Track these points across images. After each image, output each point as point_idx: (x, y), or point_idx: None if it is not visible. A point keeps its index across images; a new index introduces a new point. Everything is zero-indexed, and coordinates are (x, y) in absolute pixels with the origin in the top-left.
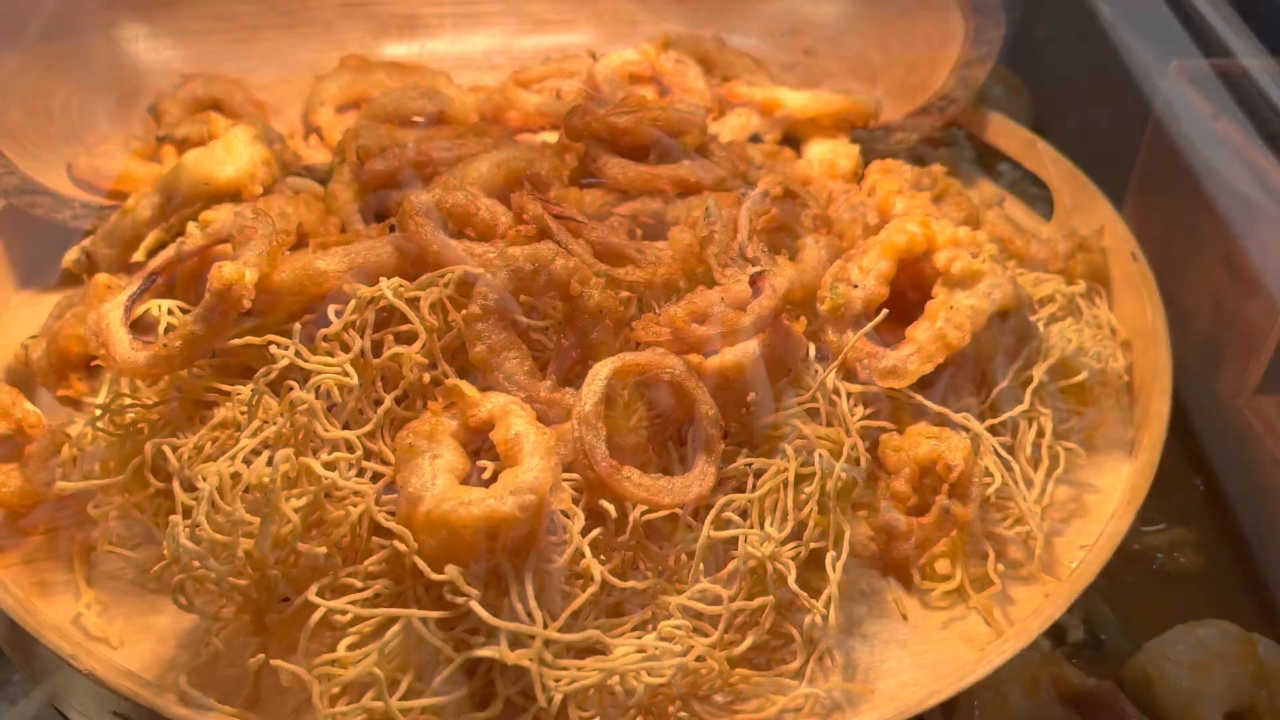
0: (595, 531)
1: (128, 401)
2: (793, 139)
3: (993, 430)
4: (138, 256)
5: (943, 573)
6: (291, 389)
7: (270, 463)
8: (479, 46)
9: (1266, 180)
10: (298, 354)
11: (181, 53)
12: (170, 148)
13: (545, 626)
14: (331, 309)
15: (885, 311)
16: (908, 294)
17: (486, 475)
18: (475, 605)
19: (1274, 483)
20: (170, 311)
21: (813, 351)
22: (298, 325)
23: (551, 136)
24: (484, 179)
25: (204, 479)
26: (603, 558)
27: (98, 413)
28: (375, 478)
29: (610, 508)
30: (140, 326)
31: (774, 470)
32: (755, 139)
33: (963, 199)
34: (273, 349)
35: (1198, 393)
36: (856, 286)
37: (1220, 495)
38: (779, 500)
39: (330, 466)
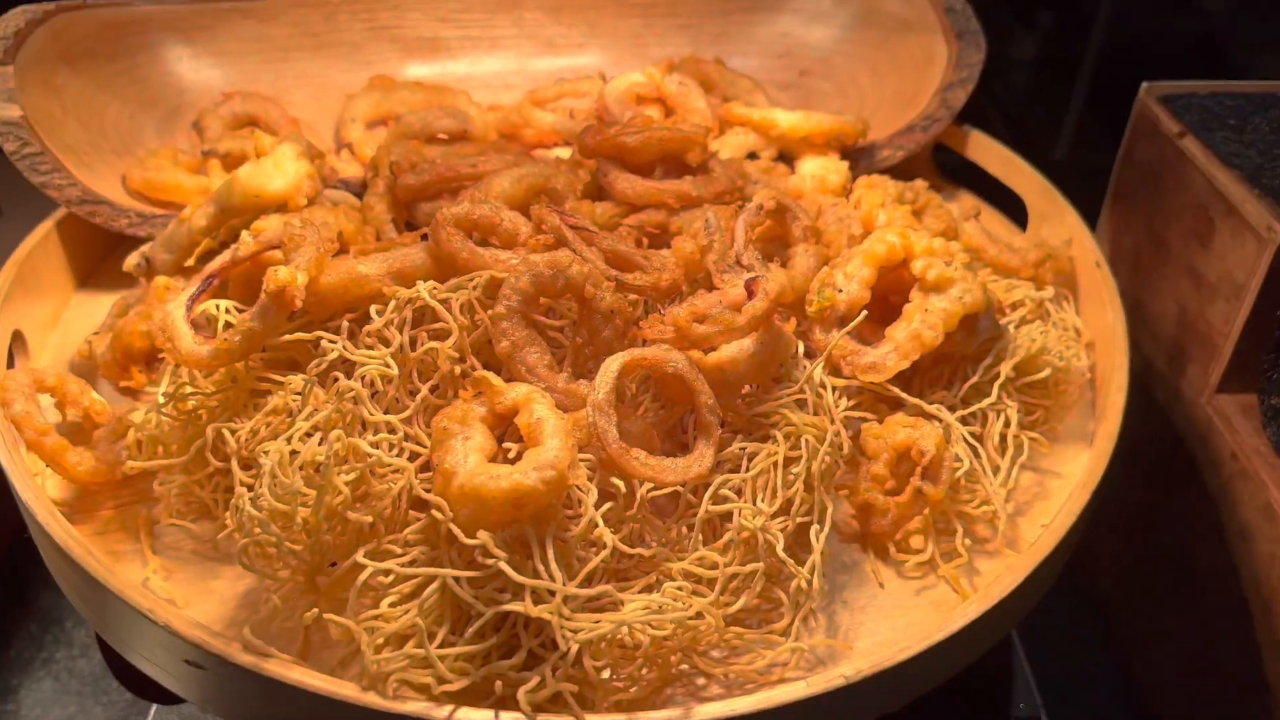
0: (607, 505)
1: (189, 390)
2: (787, 156)
3: (963, 421)
4: (190, 261)
5: (916, 547)
6: (337, 379)
7: (323, 442)
8: (496, 68)
9: (1224, 194)
10: (345, 348)
11: (221, 72)
12: (215, 161)
13: (564, 585)
14: (373, 308)
15: (864, 313)
16: (888, 298)
17: (512, 455)
18: (504, 565)
19: (1233, 474)
20: (227, 310)
21: (801, 349)
22: (345, 322)
23: (564, 152)
24: (506, 193)
25: (265, 455)
26: (612, 529)
27: (162, 400)
28: (413, 457)
29: (620, 485)
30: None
31: (765, 453)
32: (752, 156)
33: (943, 211)
34: (324, 343)
35: (1165, 391)
36: (841, 291)
37: (1185, 486)
38: (769, 480)
39: (375, 446)
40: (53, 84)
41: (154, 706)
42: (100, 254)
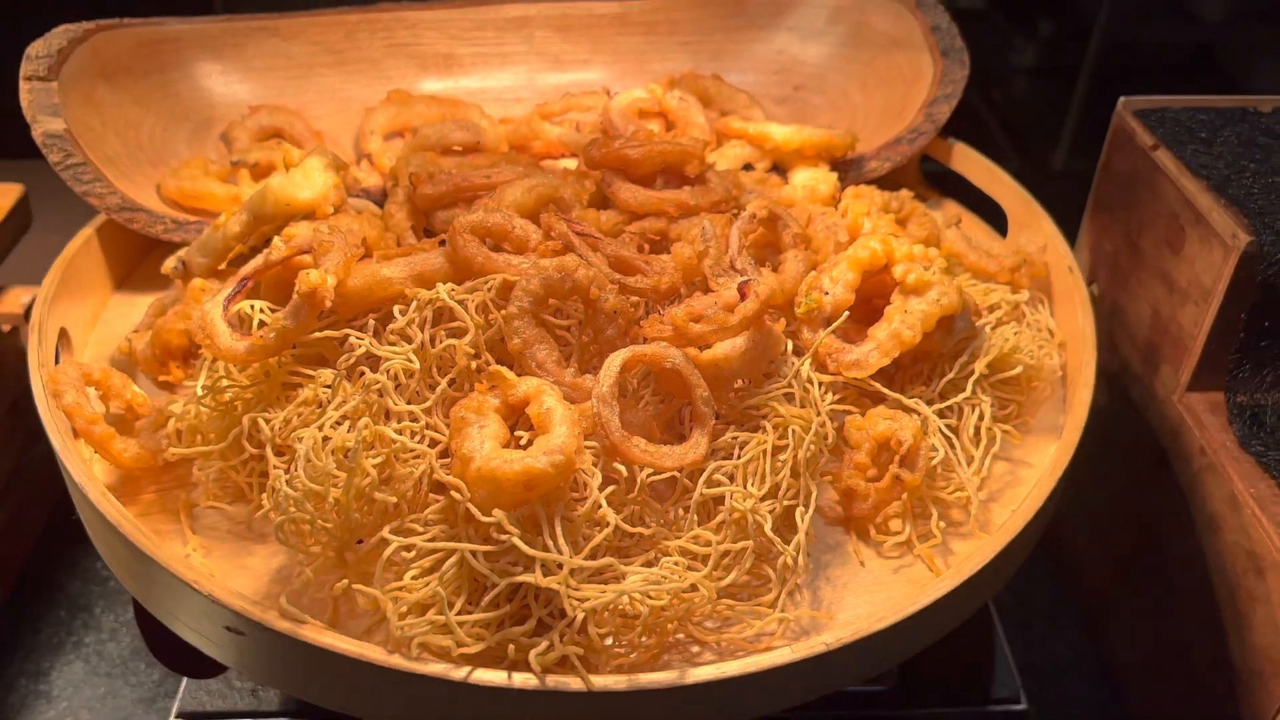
0: (610, 488)
1: (226, 383)
2: (781, 167)
3: (940, 414)
4: (222, 265)
5: (894, 529)
6: (363, 373)
7: (352, 429)
8: (506, 82)
9: (1193, 203)
10: (371, 344)
11: (248, 87)
12: (244, 171)
13: (570, 558)
14: (396, 308)
15: (847, 314)
16: (872, 300)
17: (524, 442)
18: (516, 540)
19: (1202, 467)
20: (261, 310)
21: (790, 347)
22: (371, 321)
23: (571, 163)
24: (518, 202)
25: (299, 441)
26: (615, 509)
27: (200, 392)
28: (433, 443)
29: (622, 470)
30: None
31: (755, 442)
32: (748, 167)
33: (926, 219)
34: (352, 340)
35: (1140, 390)
36: (827, 294)
37: (1158, 479)
38: (759, 466)
39: (399, 433)
40: (93, 99)
41: (183, 685)
42: (136, 258)
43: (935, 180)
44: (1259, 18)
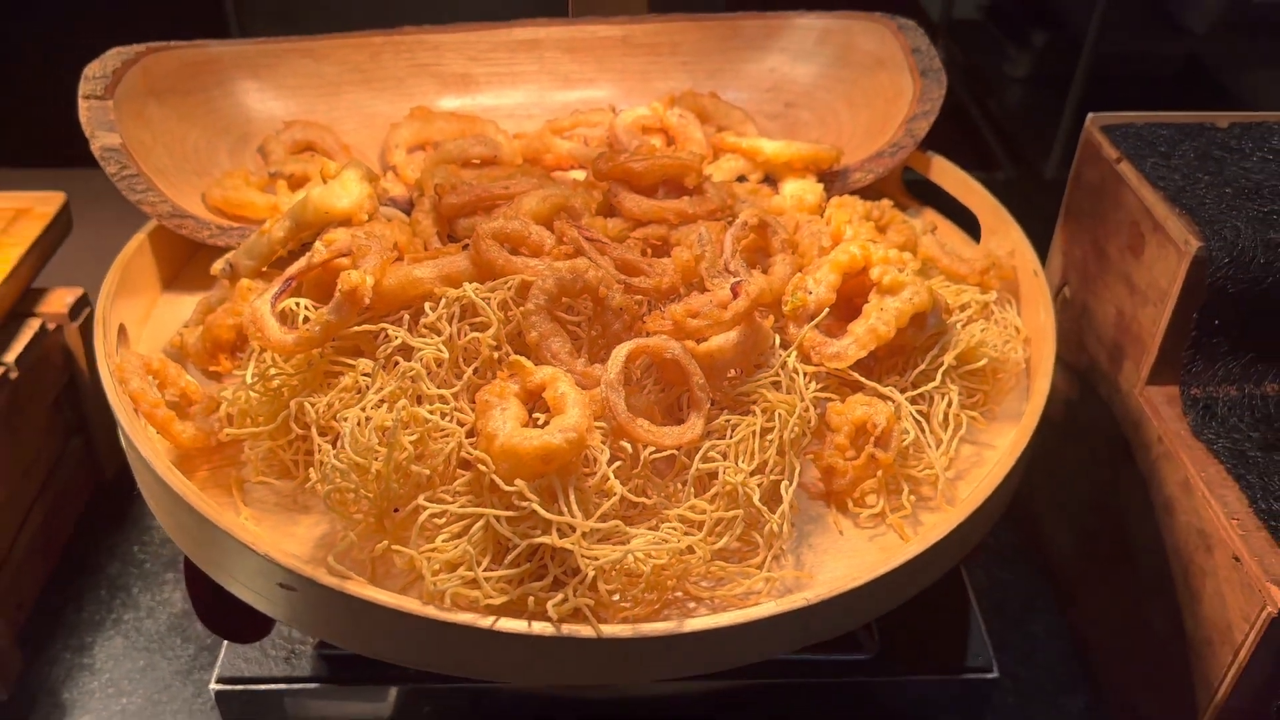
0: (617, 463)
1: (274, 371)
2: (772, 179)
3: (912, 401)
4: (264, 268)
5: (870, 503)
6: (399, 362)
7: (390, 410)
8: (519, 100)
9: (1151, 212)
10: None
11: (282, 104)
12: (281, 181)
13: (583, 522)
14: (427, 305)
15: (826, 311)
16: (852, 299)
17: (541, 422)
18: (536, 507)
19: (1159, 455)
20: (305, 307)
21: (778, 340)
22: (406, 316)
23: (580, 175)
24: (533, 211)
25: (344, 421)
26: (621, 482)
27: (251, 380)
28: (461, 424)
29: (627, 447)
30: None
31: (746, 424)
32: (742, 179)
33: (905, 226)
34: (389, 332)
35: (1106, 385)
36: (811, 293)
37: (1119, 465)
38: (749, 445)
39: (431, 414)
40: (143, 115)
41: (222, 653)
42: (182, 261)
43: (915, 190)
44: (1244, 31)
